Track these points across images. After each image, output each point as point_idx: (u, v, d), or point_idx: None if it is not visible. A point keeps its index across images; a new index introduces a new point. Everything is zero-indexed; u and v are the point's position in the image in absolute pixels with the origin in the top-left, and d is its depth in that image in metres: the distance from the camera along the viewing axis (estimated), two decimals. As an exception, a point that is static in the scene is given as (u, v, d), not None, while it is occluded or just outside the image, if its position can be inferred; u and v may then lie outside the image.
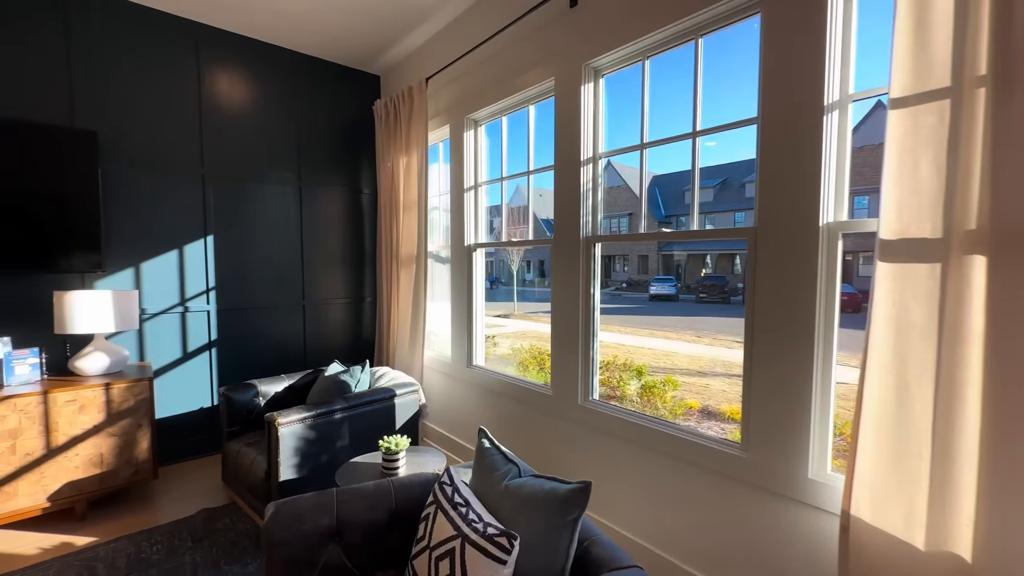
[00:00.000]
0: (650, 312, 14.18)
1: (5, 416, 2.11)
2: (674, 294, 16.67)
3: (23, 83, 2.46)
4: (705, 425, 4.13)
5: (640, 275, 22.46)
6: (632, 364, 5.16)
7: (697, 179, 1.87)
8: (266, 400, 2.67)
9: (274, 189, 3.32)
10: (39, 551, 2.10)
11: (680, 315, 13.13)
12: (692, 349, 8.61)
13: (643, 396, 4.04)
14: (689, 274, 19.90)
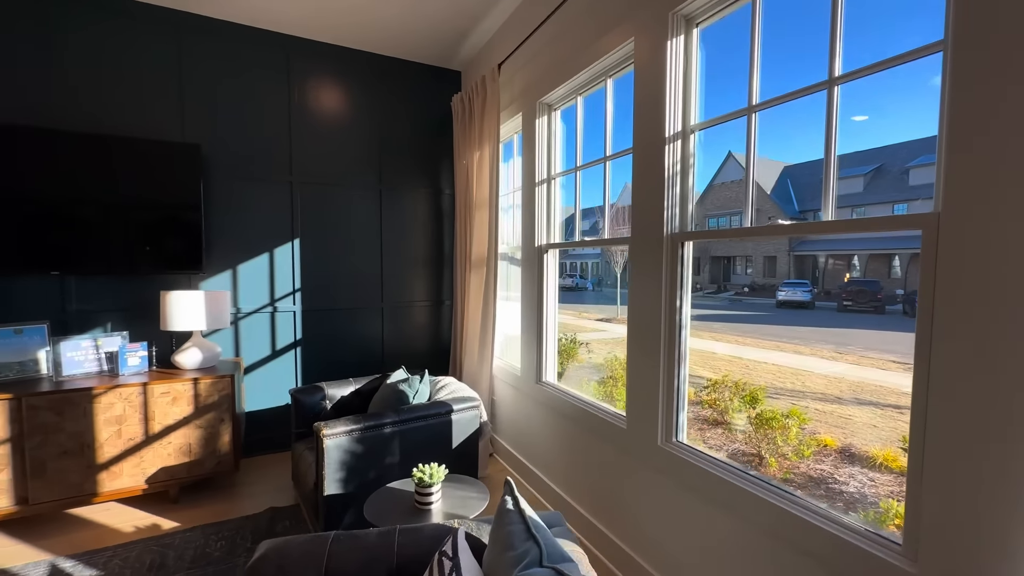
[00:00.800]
0: (777, 321, 12.35)
1: (113, 403, 2.35)
2: (808, 300, 14.32)
3: (145, 104, 2.76)
4: (845, 472, 3.24)
5: (766, 278, 19.82)
6: (746, 384, 4.36)
7: (834, 149, 1.31)
8: (332, 403, 2.65)
9: (355, 193, 3.36)
10: (133, 530, 2.29)
11: (816, 325, 11.19)
12: (830, 368, 7.18)
13: (758, 428, 3.31)
14: (829, 278, 16.99)
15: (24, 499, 2.21)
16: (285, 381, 3.21)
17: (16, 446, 2.19)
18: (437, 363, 3.68)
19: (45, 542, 2.18)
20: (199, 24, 2.85)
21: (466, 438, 2.36)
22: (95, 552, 2.09)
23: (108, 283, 2.72)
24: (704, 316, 13.31)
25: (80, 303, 2.67)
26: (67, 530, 2.27)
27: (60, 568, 1.98)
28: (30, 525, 2.30)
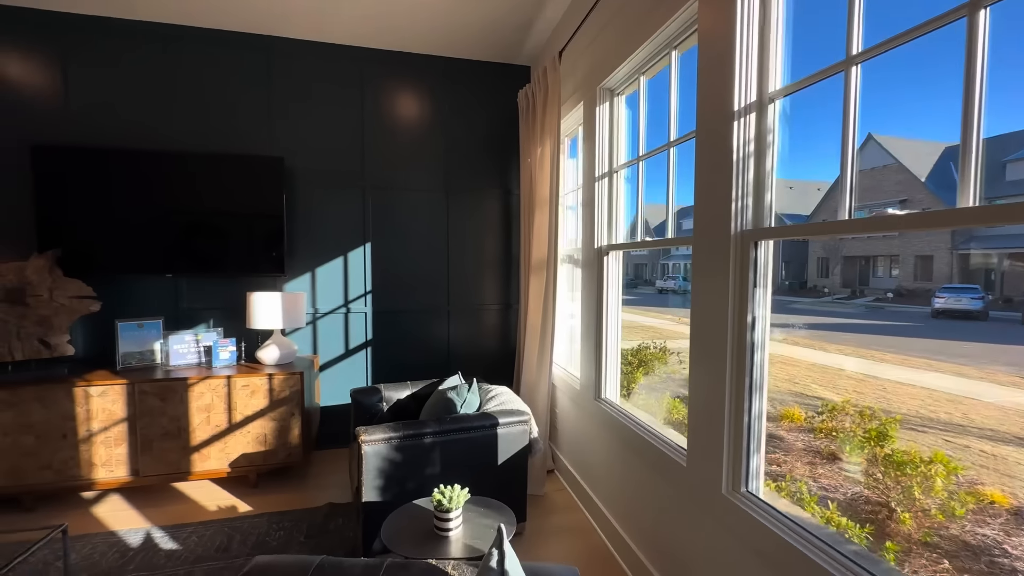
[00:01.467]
0: (932, 334, 10.19)
1: (204, 393, 2.61)
2: (978, 310, 11.59)
3: (240, 123, 3.05)
4: (1015, 543, 2.42)
5: (919, 282, 16.57)
6: (878, 411, 3.54)
7: (980, 113, 0.90)
8: (389, 406, 2.68)
9: (423, 196, 3.39)
10: (215, 509, 2.52)
11: (989, 341, 9.02)
12: (1008, 397, 5.68)
13: (888, 473, 2.63)
14: (1010, 283, 13.58)
15: (136, 471, 2.55)
16: (357, 379, 3.35)
17: (131, 425, 2.54)
18: (504, 369, 3.57)
19: (148, 511, 2.49)
20: (285, 47, 3.08)
21: (513, 455, 2.20)
22: (180, 527, 2.33)
23: (209, 284, 3.06)
24: (830, 326, 11.50)
25: (189, 302, 3.05)
26: (167, 502, 2.58)
27: (151, 536, 2.24)
28: (141, 494, 2.66)
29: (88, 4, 2.67)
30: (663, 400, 4.26)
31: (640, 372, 4.67)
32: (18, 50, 2.73)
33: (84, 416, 2.48)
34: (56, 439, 2.45)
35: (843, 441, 3.29)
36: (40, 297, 2.56)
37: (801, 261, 7.72)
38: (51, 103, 2.79)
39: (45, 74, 2.77)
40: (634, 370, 4.74)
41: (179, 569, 2.00)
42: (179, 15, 2.80)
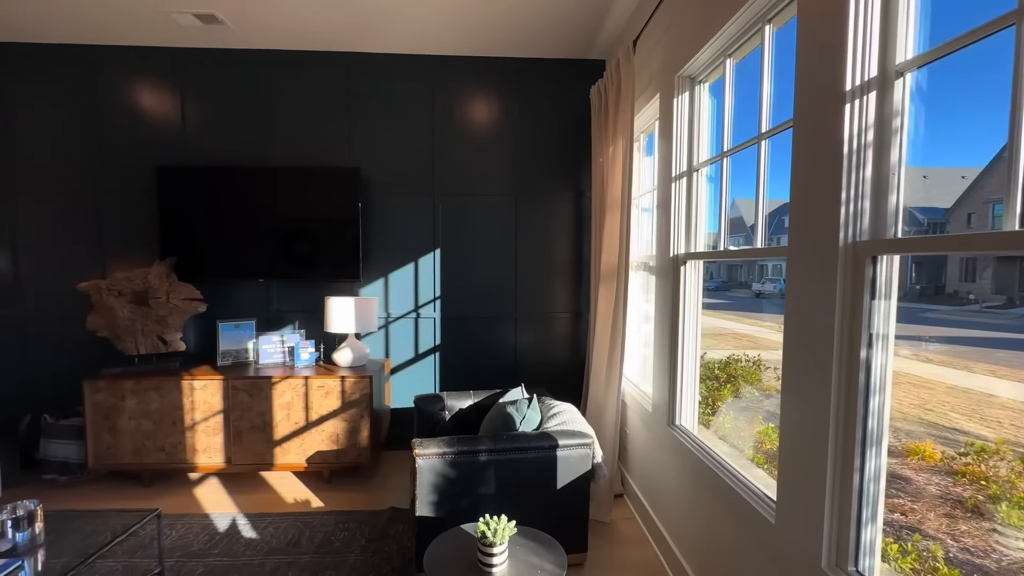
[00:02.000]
0: None
1: (285, 392, 2.79)
2: None
3: (322, 137, 3.23)
4: None
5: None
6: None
7: None
8: (452, 415, 2.65)
9: (491, 201, 3.34)
10: (292, 502, 2.68)
11: None
12: None
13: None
14: None
15: (229, 459, 2.80)
16: (426, 382, 3.39)
17: (225, 417, 2.79)
18: (572, 382, 3.40)
19: (237, 496, 2.72)
20: (361, 60, 3.21)
21: (574, 480, 2.04)
22: (261, 516, 2.50)
23: (295, 289, 3.29)
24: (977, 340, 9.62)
25: (278, 304, 3.30)
26: (253, 489, 2.80)
27: (236, 523, 2.42)
28: (233, 479, 2.91)
29: (199, 39, 2.99)
30: (754, 424, 3.78)
31: (728, 390, 4.21)
32: (148, 85, 3.14)
33: (189, 406, 2.77)
34: (168, 425, 2.77)
35: (998, 496, 2.63)
36: (159, 299, 2.92)
37: (938, 262, 6.50)
38: (172, 129, 3.17)
39: (168, 104, 3.16)
40: (721, 387, 4.28)
41: (253, 559, 2.13)
42: (272, 41, 3.03)
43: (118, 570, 2.05)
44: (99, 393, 2.73)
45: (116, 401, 2.74)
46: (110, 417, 2.75)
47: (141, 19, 2.76)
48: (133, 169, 3.15)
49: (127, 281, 2.87)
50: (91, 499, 2.68)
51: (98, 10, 2.67)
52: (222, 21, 2.78)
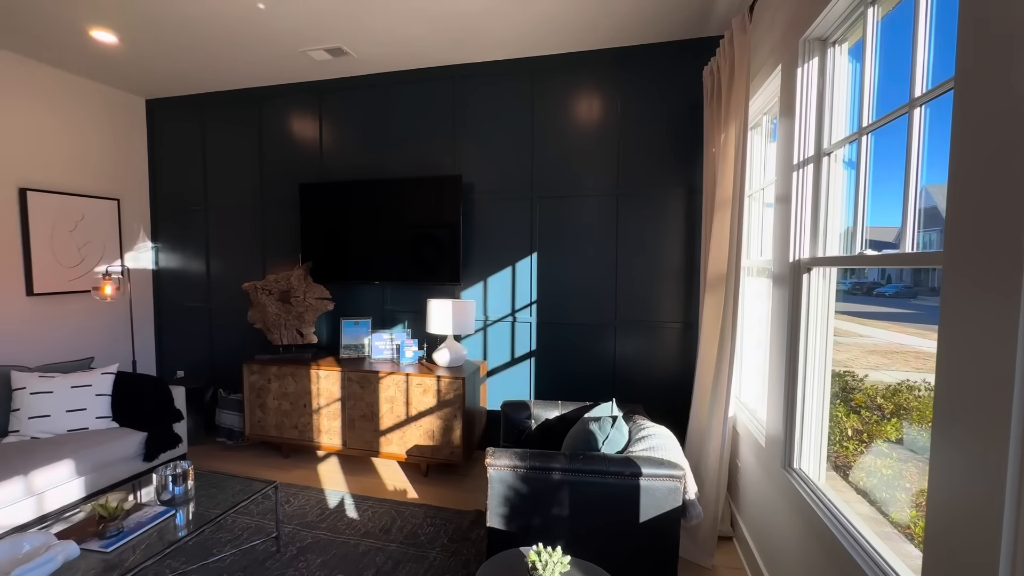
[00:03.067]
0: None
1: (389, 386, 3.02)
2: None
3: (431, 147, 3.43)
4: None
5: None
6: None
7: None
8: (538, 424, 2.57)
9: (590, 201, 3.18)
10: (392, 489, 2.88)
11: None
12: None
13: None
14: None
15: (345, 443, 3.13)
16: (521, 387, 3.37)
17: (343, 405, 3.12)
18: (678, 401, 3.05)
19: (349, 477, 3.02)
20: (466, 70, 3.32)
21: (660, 515, 1.80)
22: (364, 499, 2.73)
23: (404, 290, 3.54)
24: None
25: (391, 305, 3.59)
26: (362, 472, 3.08)
27: (343, 502, 2.69)
28: (348, 461, 3.25)
29: (331, 71, 3.40)
30: (923, 477, 2.91)
31: (891, 426, 3.35)
32: (295, 114, 3.69)
33: (316, 392, 3.17)
34: (300, 407, 3.21)
35: None
36: (298, 298, 3.40)
37: None
38: (312, 150, 3.67)
39: (309, 129, 3.67)
40: (882, 421, 3.43)
41: (350, 539, 2.33)
42: (387, 64, 3.31)
43: (250, 527, 2.42)
44: (253, 375, 3.29)
45: (265, 383, 3.27)
46: (260, 396, 3.28)
47: (287, 61, 3.24)
48: (284, 187, 3.73)
49: (275, 282, 3.40)
50: (245, 462, 3.24)
51: (260, 60, 3.20)
52: (347, 52, 3.12)
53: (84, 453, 2.45)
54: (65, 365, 2.86)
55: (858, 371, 2.49)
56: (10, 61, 3.14)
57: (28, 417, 2.53)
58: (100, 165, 3.72)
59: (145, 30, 2.82)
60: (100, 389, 2.76)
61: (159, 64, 3.30)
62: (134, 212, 3.98)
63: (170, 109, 3.98)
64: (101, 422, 2.72)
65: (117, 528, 1.72)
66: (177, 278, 4.09)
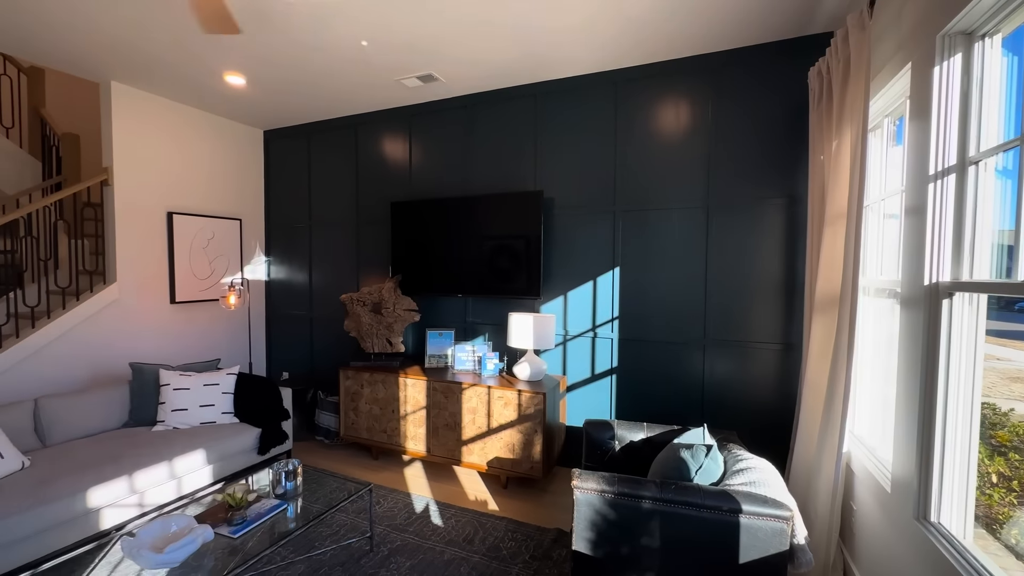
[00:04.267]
0: None
1: (472, 397, 3.10)
2: None
3: (512, 164, 3.51)
4: None
5: None
6: None
7: None
8: (622, 445, 2.50)
9: (678, 214, 3.05)
10: (473, 499, 2.94)
11: None
12: None
13: None
14: None
15: (429, 450, 3.26)
16: (601, 404, 3.30)
17: (428, 413, 3.26)
18: (775, 430, 2.81)
19: (433, 483, 3.14)
20: (548, 87, 3.36)
21: (763, 558, 1.66)
22: (447, 506, 2.82)
23: (485, 303, 3.63)
24: None
25: (472, 317, 3.70)
26: (445, 479, 3.19)
27: (428, 507, 2.79)
28: (431, 467, 3.38)
29: (421, 96, 3.61)
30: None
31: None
32: (387, 137, 3.97)
33: (403, 399, 3.34)
34: (389, 412, 3.40)
35: None
36: (388, 309, 3.62)
37: None
38: (402, 170, 3.92)
39: (399, 151, 3.92)
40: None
41: (435, 545, 2.41)
42: (473, 86, 3.44)
43: (345, 524, 2.59)
44: (348, 380, 3.55)
45: (358, 388, 3.51)
46: (354, 400, 3.53)
47: (381, 90, 3.50)
48: (376, 205, 4.01)
49: (368, 294, 3.66)
50: (340, 460, 3.49)
51: (358, 91, 3.49)
52: (437, 78, 3.30)
53: (213, 445, 2.80)
54: (199, 365, 3.29)
55: (1000, 402, 2.13)
56: (161, 104, 3.71)
57: (171, 410, 2.94)
58: (227, 190, 4.26)
59: (267, 72, 3.20)
60: (225, 388, 3.13)
61: (276, 99, 3.72)
62: (252, 230, 4.50)
63: (282, 139, 4.47)
64: (225, 417, 3.08)
65: (242, 517, 1.93)
66: (285, 289, 4.55)
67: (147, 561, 1.60)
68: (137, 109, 3.54)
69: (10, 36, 2.76)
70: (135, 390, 3.01)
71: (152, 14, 2.50)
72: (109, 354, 3.45)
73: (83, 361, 3.32)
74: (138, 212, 3.60)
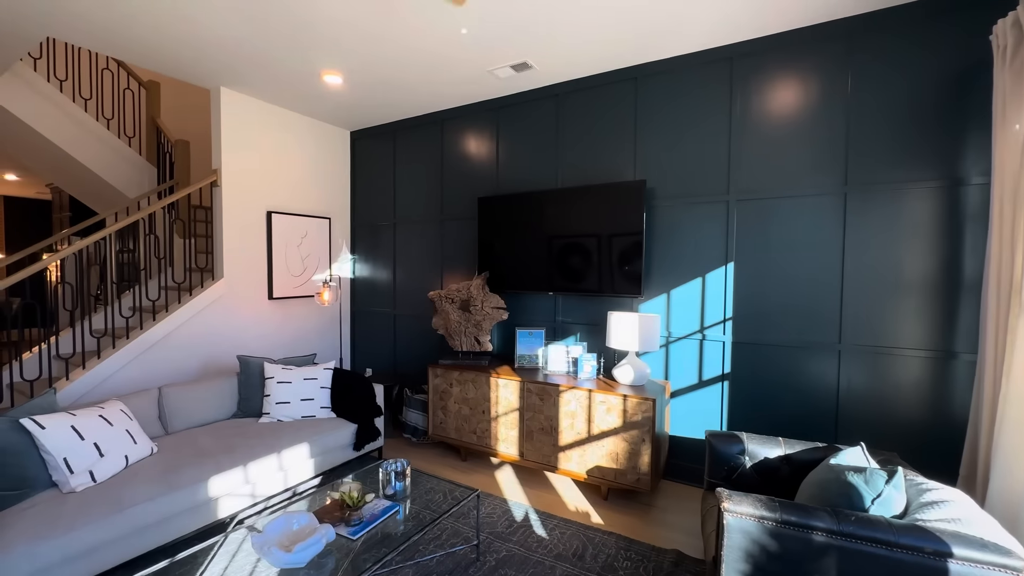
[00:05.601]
0: None
1: (570, 401, 2.92)
2: None
3: (608, 153, 3.30)
4: None
5: None
6: None
7: None
8: (754, 463, 2.21)
9: (805, 202, 2.70)
10: (573, 510, 2.75)
11: None
12: None
13: None
14: None
15: (522, 454, 3.12)
16: (710, 414, 3.00)
17: (520, 415, 3.12)
18: (934, 453, 2.39)
19: (528, 490, 2.99)
20: (649, 69, 3.11)
21: (983, 615, 1.34)
22: (549, 516, 2.65)
23: (577, 302, 3.44)
24: None
25: (563, 316, 3.52)
26: (539, 487, 3.03)
27: (528, 516, 2.64)
28: (522, 472, 3.23)
29: (510, 87, 3.49)
30: None
31: None
32: (473, 131, 3.89)
33: (495, 400, 3.23)
34: (479, 413, 3.30)
35: None
36: (476, 307, 3.53)
37: None
38: (488, 165, 3.82)
39: (485, 144, 3.83)
40: None
41: (544, 559, 2.25)
42: (567, 72, 3.27)
43: (447, 529, 2.50)
44: (437, 378, 3.49)
45: (447, 387, 3.44)
46: (443, 399, 3.47)
47: (468, 85, 3.41)
48: (461, 201, 3.94)
49: (457, 291, 3.58)
50: (428, 459, 3.44)
51: (448, 84, 3.43)
52: (531, 66, 3.16)
53: (316, 439, 2.82)
54: (297, 359, 3.36)
55: None
56: (261, 108, 3.86)
57: (275, 403, 3.00)
58: (318, 189, 4.37)
59: (363, 70, 3.20)
60: (323, 382, 3.16)
61: (365, 98, 3.74)
62: (339, 228, 4.60)
63: (368, 138, 4.53)
64: (323, 412, 3.11)
65: (359, 518, 1.87)
66: (368, 286, 4.61)
67: (277, 559, 1.56)
68: (241, 113, 3.69)
69: (133, 48, 2.93)
70: (242, 382, 3.10)
71: (265, 14, 2.54)
72: (215, 346, 3.62)
73: (193, 352, 3.49)
74: (242, 211, 3.75)
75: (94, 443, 2.17)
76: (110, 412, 2.33)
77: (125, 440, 2.29)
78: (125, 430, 2.32)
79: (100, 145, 4.18)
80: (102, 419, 2.26)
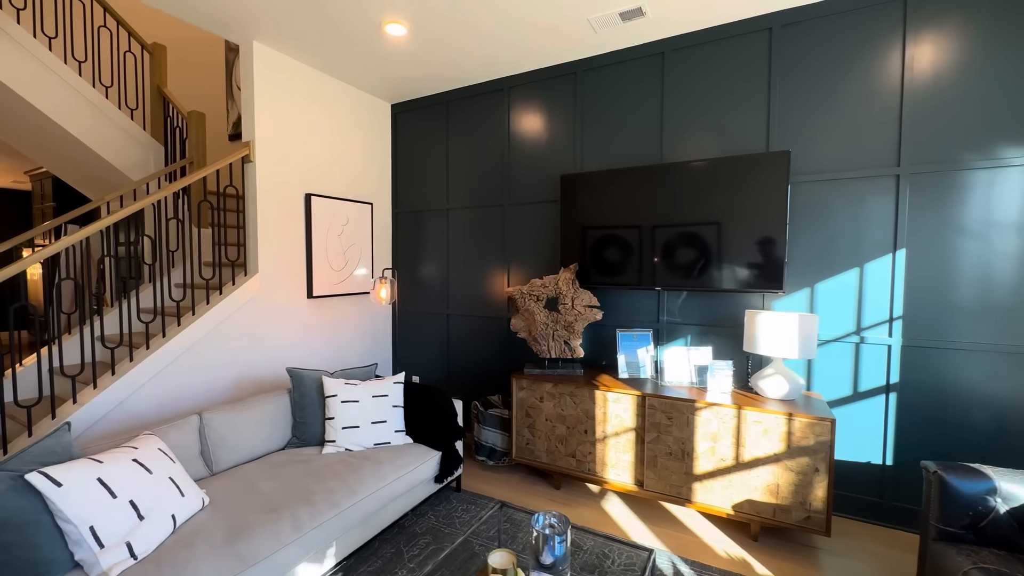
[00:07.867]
0: None
1: (710, 420, 2.39)
2: None
3: (729, 122, 2.75)
4: None
5: None
6: None
7: None
8: (1009, 508, 1.70)
9: (1008, 174, 2.20)
10: (723, 555, 2.22)
11: None
12: None
13: None
14: None
15: (640, 482, 2.58)
16: (869, 433, 2.50)
17: (638, 436, 2.58)
18: None
19: (653, 527, 2.45)
20: (789, 16, 2.58)
21: None
22: (697, 565, 2.12)
23: (691, 299, 2.90)
24: None
25: (668, 315, 2.99)
26: (666, 524, 2.49)
27: (658, 562, 2.10)
28: (638, 505, 2.69)
29: (599, 45, 2.92)
30: None
31: None
32: (548, 100, 3.30)
33: (601, 417, 2.68)
34: (579, 433, 2.75)
35: None
36: (566, 305, 2.97)
37: None
38: (566, 138, 3.25)
39: (564, 117, 3.25)
40: None
41: (740, 639, 1.71)
42: (681, 24, 2.71)
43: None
44: (523, 391, 2.92)
45: (536, 401, 2.88)
46: (530, 415, 2.90)
47: (556, 32, 2.82)
48: (533, 183, 3.37)
49: (543, 287, 3.02)
50: (513, 487, 2.88)
51: (529, 36, 2.84)
52: (644, 13, 2.60)
53: (401, 474, 2.24)
54: (358, 371, 2.77)
55: None
56: (297, 70, 3.22)
57: (341, 427, 2.41)
58: (358, 169, 3.75)
59: (431, 13, 2.60)
60: (395, 400, 2.58)
61: (424, 54, 3.12)
62: (381, 215, 3.98)
63: (413, 111, 3.92)
64: (398, 436, 2.53)
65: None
66: (413, 282, 4.01)
67: None
68: (273, 75, 3.06)
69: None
70: (296, 401, 2.50)
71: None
72: (250, 355, 3.00)
73: (227, 364, 2.87)
74: (279, 193, 3.13)
75: (130, 500, 1.56)
76: (146, 453, 1.72)
77: (170, 492, 1.69)
78: (168, 478, 1.72)
79: (97, 116, 3.49)
80: (137, 464, 1.65)
